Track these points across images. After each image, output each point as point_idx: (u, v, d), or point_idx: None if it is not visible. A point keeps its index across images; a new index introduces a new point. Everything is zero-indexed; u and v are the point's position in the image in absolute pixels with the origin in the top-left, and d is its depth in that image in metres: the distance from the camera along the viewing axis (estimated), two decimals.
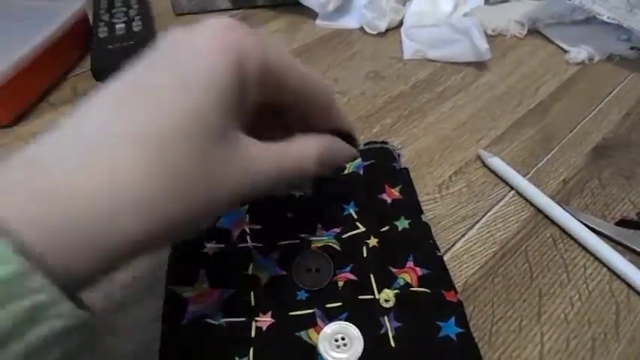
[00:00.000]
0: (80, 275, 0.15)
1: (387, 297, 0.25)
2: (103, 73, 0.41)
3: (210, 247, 0.27)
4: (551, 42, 0.49)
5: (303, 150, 0.22)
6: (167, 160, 0.16)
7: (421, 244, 0.28)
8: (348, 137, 0.25)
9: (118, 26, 0.45)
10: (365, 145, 0.34)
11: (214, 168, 0.17)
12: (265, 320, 0.24)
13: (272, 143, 0.21)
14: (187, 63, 0.18)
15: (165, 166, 0.16)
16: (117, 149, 0.16)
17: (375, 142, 0.34)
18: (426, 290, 0.25)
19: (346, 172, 0.32)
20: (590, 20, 0.49)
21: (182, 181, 0.16)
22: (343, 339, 0.24)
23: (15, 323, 0.13)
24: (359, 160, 0.33)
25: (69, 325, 0.14)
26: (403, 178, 0.32)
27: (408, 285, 0.26)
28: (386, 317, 0.24)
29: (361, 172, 0.32)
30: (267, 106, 0.21)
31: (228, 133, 0.18)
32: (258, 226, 0.29)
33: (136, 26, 0.45)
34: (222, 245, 0.27)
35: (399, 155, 0.34)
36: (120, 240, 0.15)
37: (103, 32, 0.44)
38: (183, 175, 0.16)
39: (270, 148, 0.20)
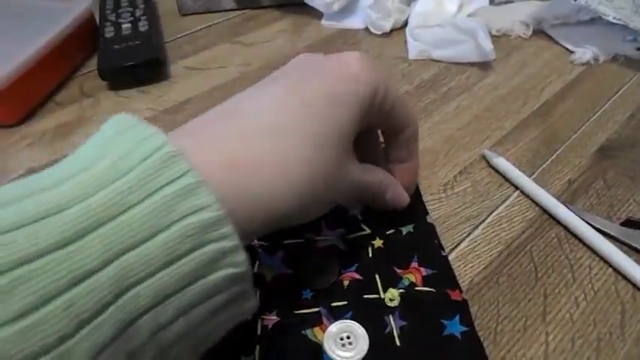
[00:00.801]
0: (244, 234, 0.17)
1: (392, 296, 0.25)
2: (109, 72, 0.41)
3: None
4: (556, 42, 0.49)
5: (374, 175, 0.26)
6: (319, 155, 0.20)
7: (426, 245, 0.28)
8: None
9: (124, 26, 0.45)
10: None
11: (342, 169, 0.22)
12: (271, 319, 0.25)
13: (359, 163, 0.25)
14: (339, 85, 0.22)
15: (318, 159, 0.20)
16: (283, 140, 0.20)
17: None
18: (431, 289, 0.25)
19: None
20: (596, 21, 0.49)
21: (326, 173, 0.21)
22: (348, 337, 0.24)
23: (206, 262, 0.16)
24: None
25: (239, 273, 0.17)
26: None
27: (412, 285, 0.26)
28: (391, 316, 0.25)
29: None
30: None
31: (350, 145, 0.23)
32: None
33: (142, 26, 0.45)
34: None
35: None
36: (277, 211, 0.19)
37: (109, 32, 0.44)
38: (328, 168, 0.21)
39: (360, 165, 0.25)
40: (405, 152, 0.28)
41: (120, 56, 0.41)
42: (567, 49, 0.48)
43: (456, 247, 0.30)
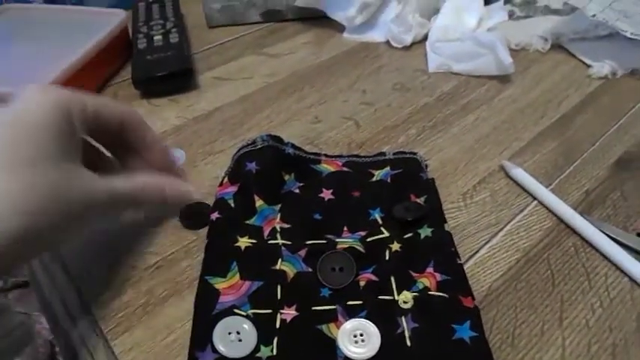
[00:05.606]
0: None
1: (405, 299, 0.26)
2: (142, 81, 0.43)
3: (243, 241, 0.29)
4: (574, 57, 0.50)
5: (127, 182, 0.26)
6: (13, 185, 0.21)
7: (442, 252, 0.29)
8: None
9: (155, 38, 0.47)
10: (394, 154, 0.35)
11: (61, 188, 0.23)
12: (290, 313, 0.26)
13: (107, 175, 0.26)
14: (19, 114, 0.23)
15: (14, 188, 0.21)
16: None
17: (405, 152, 0.35)
18: (444, 295, 0.26)
19: (374, 179, 0.34)
20: (614, 36, 0.49)
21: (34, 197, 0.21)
22: (362, 335, 0.25)
23: None
24: (387, 168, 0.34)
25: None
26: (429, 188, 0.33)
27: (426, 289, 0.27)
28: (403, 318, 0.26)
29: (389, 180, 0.33)
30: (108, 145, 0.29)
31: (63, 162, 0.23)
32: (288, 225, 0.30)
33: (173, 38, 0.47)
34: (254, 241, 0.29)
35: (426, 166, 0.35)
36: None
37: (142, 43, 0.46)
38: (30, 193, 0.21)
39: (103, 177, 0.25)
40: (147, 146, 0.29)
41: (152, 66, 0.43)
42: (585, 63, 0.49)
43: (475, 254, 0.30)
